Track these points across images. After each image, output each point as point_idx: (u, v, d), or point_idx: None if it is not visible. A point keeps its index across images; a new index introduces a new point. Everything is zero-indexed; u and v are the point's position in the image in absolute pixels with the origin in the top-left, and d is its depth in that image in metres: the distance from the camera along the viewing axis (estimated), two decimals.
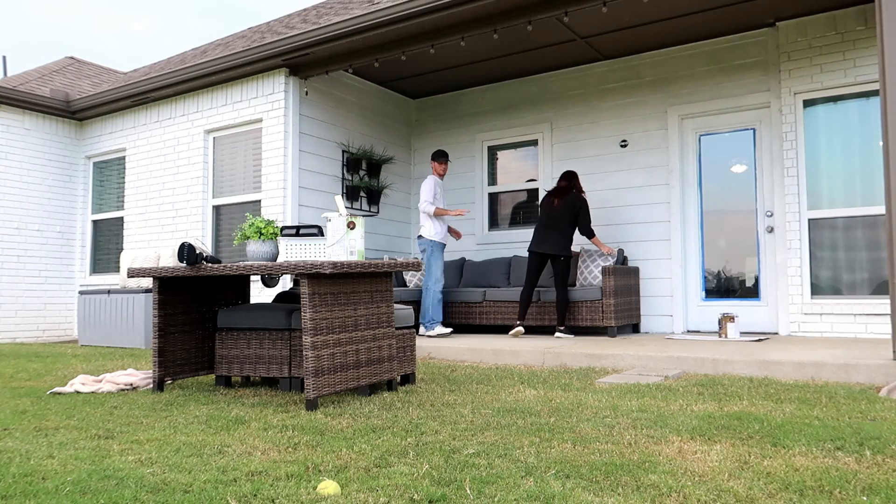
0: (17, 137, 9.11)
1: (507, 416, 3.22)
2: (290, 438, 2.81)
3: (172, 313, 4.32)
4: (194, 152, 8.45)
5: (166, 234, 8.66)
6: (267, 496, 2.04)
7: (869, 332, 6.20)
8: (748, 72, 7.07)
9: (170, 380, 4.32)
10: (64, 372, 5.31)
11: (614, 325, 6.73)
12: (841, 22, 6.52)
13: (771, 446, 2.58)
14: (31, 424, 3.19)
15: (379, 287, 4.00)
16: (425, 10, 6.34)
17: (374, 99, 8.76)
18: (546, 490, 2.05)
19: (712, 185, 7.33)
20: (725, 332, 6.34)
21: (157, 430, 3.03)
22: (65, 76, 10.66)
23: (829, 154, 6.60)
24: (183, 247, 3.84)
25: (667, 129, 7.48)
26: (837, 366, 4.37)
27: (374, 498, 2.01)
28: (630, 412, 3.28)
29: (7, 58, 18.28)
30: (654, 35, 7.18)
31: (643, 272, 7.49)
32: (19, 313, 8.98)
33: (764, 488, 2.07)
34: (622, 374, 4.72)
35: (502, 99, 8.66)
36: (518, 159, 8.61)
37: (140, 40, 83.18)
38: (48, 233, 9.35)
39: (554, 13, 6.17)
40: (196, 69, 8.05)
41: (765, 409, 3.34)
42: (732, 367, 4.71)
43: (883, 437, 2.67)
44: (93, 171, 9.78)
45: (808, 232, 6.60)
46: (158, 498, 2.05)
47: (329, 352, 3.57)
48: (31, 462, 2.49)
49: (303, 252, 3.82)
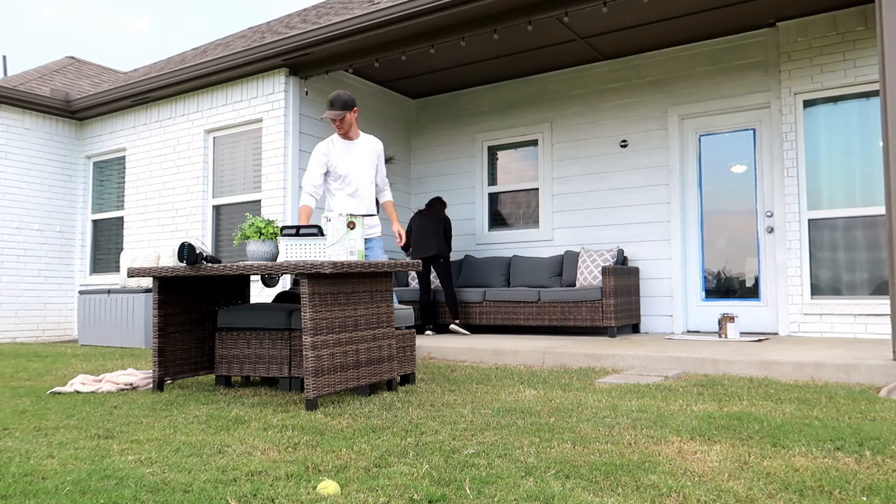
0: (18, 137, 9.11)
1: (506, 416, 3.22)
2: (289, 438, 2.81)
3: (172, 313, 4.32)
4: (194, 152, 8.45)
5: (166, 234, 8.66)
6: (267, 496, 2.04)
7: (869, 333, 6.20)
8: (748, 72, 7.07)
9: (170, 380, 4.32)
10: (64, 372, 5.31)
11: (614, 325, 6.72)
12: (841, 22, 6.52)
13: (771, 446, 2.58)
14: (30, 424, 3.19)
15: (379, 287, 3.99)
16: (425, 10, 6.34)
17: (374, 99, 8.76)
18: (546, 490, 2.05)
19: (712, 186, 7.33)
20: (725, 333, 6.34)
21: (157, 430, 3.03)
22: (65, 76, 10.66)
23: (829, 154, 6.60)
24: (183, 247, 3.84)
25: (667, 129, 7.48)
26: (837, 366, 4.37)
27: (373, 498, 2.01)
28: (630, 412, 3.28)
29: (7, 57, 18.28)
30: (654, 35, 7.18)
31: (643, 272, 7.48)
32: (19, 313, 8.98)
33: (764, 488, 2.07)
34: (622, 375, 4.72)
35: (502, 99, 8.66)
36: (518, 159, 8.61)
37: (137, 41, 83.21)
38: (48, 232, 9.35)
39: (554, 13, 6.17)
40: (196, 69, 8.05)
41: (765, 409, 3.34)
42: (732, 368, 4.70)
43: (883, 437, 2.67)
44: (93, 171, 9.78)
45: (808, 232, 6.60)
46: (158, 498, 2.05)
47: (329, 352, 3.57)
48: (31, 462, 2.49)
49: (303, 252, 3.82)
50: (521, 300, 7.17)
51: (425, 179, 9.20)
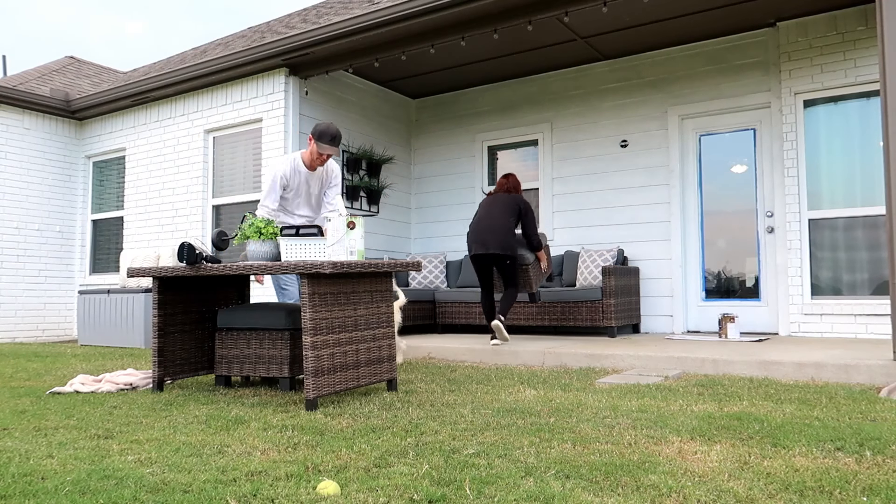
0: (17, 137, 9.11)
1: (506, 417, 3.21)
2: (289, 438, 2.81)
3: (172, 313, 4.32)
4: (194, 152, 8.45)
5: (166, 234, 8.66)
6: (267, 496, 2.04)
7: (869, 333, 6.20)
8: (748, 72, 7.07)
9: (169, 380, 4.32)
10: (63, 372, 5.31)
11: (614, 325, 6.72)
12: (841, 22, 6.52)
13: (771, 447, 2.58)
14: (30, 424, 3.19)
15: (379, 287, 3.99)
16: (425, 10, 6.34)
17: (374, 99, 8.76)
18: (546, 490, 2.05)
19: (712, 186, 7.33)
20: (725, 333, 6.34)
21: (156, 430, 3.03)
22: (64, 76, 10.66)
23: (829, 154, 6.60)
24: (183, 247, 3.84)
25: (667, 129, 7.48)
26: (838, 366, 4.37)
27: (373, 498, 2.01)
28: (630, 412, 3.28)
29: (7, 57, 18.27)
30: (654, 35, 7.18)
31: (643, 272, 7.48)
32: (19, 313, 8.97)
33: (764, 489, 2.07)
34: (622, 375, 4.72)
35: (502, 99, 8.65)
36: (518, 159, 8.60)
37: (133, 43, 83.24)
38: (48, 232, 9.35)
39: (554, 13, 6.17)
40: (196, 69, 8.05)
41: (765, 409, 3.34)
42: (732, 368, 4.70)
43: (883, 437, 2.67)
44: (93, 171, 9.78)
45: (809, 232, 6.60)
46: (158, 498, 2.04)
47: (329, 352, 3.57)
48: (31, 462, 2.49)
49: (303, 252, 3.82)
50: (521, 300, 7.17)
51: (425, 179, 9.19)
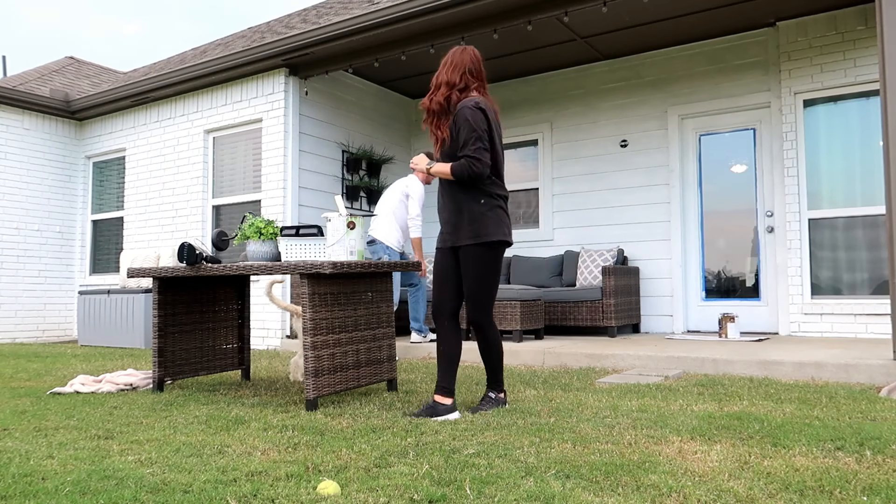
0: (17, 137, 9.11)
1: (507, 416, 3.21)
2: (289, 438, 2.81)
3: (172, 313, 4.32)
4: (194, 152, 8.45)
5: (166, 234, 8.66)
6: (267, 496, 2.04)
7: (869, 332, 6.20)
8: (748, 72, 7.07)
9: (169, 380, 4.32)
10: (64, 372, 5.31)
11: (614, 325, 6.72)
12: (841, 22, 6.52)
13: (771, 446, 2.58)
14: (30, 424, 3.19)
15: (379, 287, 3.99)
16: (425, 10, 6.34)
17: (374, 99, 8.76)
18: (546, 490, 2.05)
19: (712, 185, 7.33)
20: (725, 332, 6.34)
21: (156, 431, 3.03)
22: (64, 76, 10.66)
23: (829, 154, 6.60)
24: (183, 247, 3.84)
25: (667, 129, 7.48)
26: (838, 366, 4.37)
27: (374, 498, 2.01)
28: (630, 412, 3.28)
29: (6, 58, 18.27)
30: (654, 35, 7.18)
31: (643, 272, 7.48)
32: (19, 313, 8.98)
33: (764, 488, 2.07)
34: (622, 374, 4.72)
35: (502, 99, 8.65)
36: (518, 159, 8.60)
37: (130, 45, 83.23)
38: (48, 233, 9.35)
39: (554, 13, 6.17)
40: (196, 69, 8.04)
41: (765, 409, 3.34)
42: (733, 367, 4.70)
43: (883, 437, 2.67)
44: (92, 171, 9.78)
45: (809, 232, 6.60)
46: (158, 498, 2.04)
47: (329, 352, 3.57)
48: (31, 462, 2.49)
49: (303, 252, 3.82)
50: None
51: None
